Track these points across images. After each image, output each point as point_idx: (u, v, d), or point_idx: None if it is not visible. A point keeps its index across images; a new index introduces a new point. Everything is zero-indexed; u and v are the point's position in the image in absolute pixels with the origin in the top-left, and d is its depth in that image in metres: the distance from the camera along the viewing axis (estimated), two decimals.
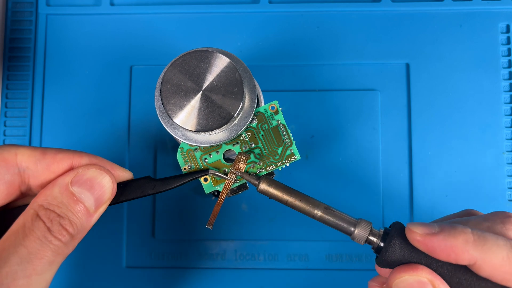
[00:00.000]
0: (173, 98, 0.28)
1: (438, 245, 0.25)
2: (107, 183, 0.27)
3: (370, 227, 0.28)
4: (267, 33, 0.44)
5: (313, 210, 0.29)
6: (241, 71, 0.29)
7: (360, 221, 0.28)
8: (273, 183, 0.29)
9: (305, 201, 0.29)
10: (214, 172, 0.30)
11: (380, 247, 0.27)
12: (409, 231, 0.26)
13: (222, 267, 0.42)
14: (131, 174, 0.29)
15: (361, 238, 0.28)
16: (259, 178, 0.29)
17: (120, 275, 0.42)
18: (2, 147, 0.26)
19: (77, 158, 0.27)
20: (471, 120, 0.43)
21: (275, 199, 0.29)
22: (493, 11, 0.44)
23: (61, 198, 0.25)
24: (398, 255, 0.27)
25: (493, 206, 0.42)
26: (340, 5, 0.44)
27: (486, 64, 0.43)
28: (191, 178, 0.30)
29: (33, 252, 0.23)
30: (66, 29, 0.44)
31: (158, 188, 0.29)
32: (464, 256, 0.25)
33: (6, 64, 0.44)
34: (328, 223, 0.29)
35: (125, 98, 0.44)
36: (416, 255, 0.26)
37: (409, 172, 0.42)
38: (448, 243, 0.25)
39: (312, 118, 0.43)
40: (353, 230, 0.28)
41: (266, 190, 0.29)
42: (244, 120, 0.29)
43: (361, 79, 0.43)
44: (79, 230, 0.25)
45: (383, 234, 0.28)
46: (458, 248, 0.25)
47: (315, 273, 0.42)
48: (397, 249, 0.27)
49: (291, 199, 0.29)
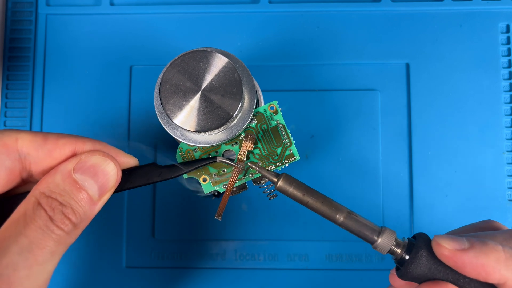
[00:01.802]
0: (172, 98, 0.28)
1: (469, 262, 0.24)
2: (111, 170, 0.26)
3: (395, 237, 0.26)
4: (267, 33, 0.44)
5: (335, 214, 0.27)
6: (240, 71, 0.29)
7: (384, 230, 0.27)
8: (293, 181, 0.27)
9: (327, 204, 0.27)
10: (223, 159, 0.29)
11: (403, 259, 0.26)
12: (436, 245, 0.25)
13: (222, 267, 0.42)
14: (137, 161, 0.28)
15: (384, 247, 0.26)
16: (278, 175, 0.28)
17: (120, 275, 0.42)
18: (2, 131, 0.25)
19: (80, 143, 0.26)
20: (471, 120, 0.43)
21: (294, 199, 0.27)
22: (493, 11, 0.44)
23: (63, 186, 0.24)
24: (424, 268, 0.25)
25: (493, 206, 0.42)
26: (340, 5, 0.44)
27: (486, 64, 0.43)
28: (198, 165, 0.29)
29: (34, 241, 0.22)
30: (66, 29, 0.45)
31: (164, 175, 0.28)
32: (495, 276, 0.24)
33: (6, 64, 0.44)
34: (350, 230, 0.27)
35: (125, 98, 0.44)
36: (443, 269, 0.25)
37: (409, 172, 0.42)
38: (479, 261, 0.24)
39: (312, 118, 0.43)
40: (377, 239, 0.26)
41: (286, 189, 0.27)
42: (243, 120, 0.29)
43: (361, 79, 0.43)
44: (82, 219, 0.24)
45: (408, 245, 0.26)
46: (490, 267, 0.24)
47: (315, 273, 0.42)
48: (424, 261, 0.25)
49: (312, 201, 0.27)
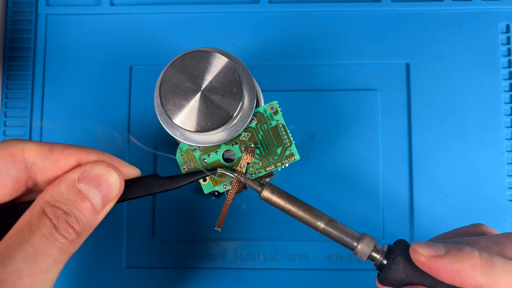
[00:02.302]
0: (172, 98, 0.28)
1: (443, 268, 0.24)
2: (115, 181, 0.26)
3: (374, 243, 0.27)
4: (267, 33, 0.44)
5: (316, 221, 0.28)
6: (240, 71, 0.29)
7: (364, 236, 0.28)
8: (276, 190, 0.29)
9: (308, 212, 0.28)
10: (223, 171, 0.29)
11: (382, 265, 0.27)
12: (413, 251, 0.25)
13: (222, 267, 0.42)
14: (139, 172, 0.29)
15: (363, 254, 0.27)
16: (262, 185, 0.29)
17: (120, 275, 0.42)
18: (9, 141, 0.26)
19: (84, 154, 0.27)
20: (471, 120, 0.43)
21: (277, 207, 0.29)
22: (493, 11, 0.44)
23: (68, 195, 0.25)
24: (401, 274, 0.26)
25: (493, 206, 0.42)
26: (340, 5, 0.44)
27: (486, 64, 0.43)
28: (199, 177, 0.29)
29: (38, 249, 0.23)
30: (66, 29, 0.45)
31: (166, 186, 0.29)
32: (470, 281, 0.24)
33: (6, 64, 0.44)
34: (331, 236, 0.28)
35: (125, 98, 0.44)
36: (420, 275, 0.26)
37: (409, 172, 0.42)
38: (454, 266, 0.24)
39: (312, 118, 0.43)
40: (356, 245, 0.27)
41: (269, 198, 0.28)
42: (243, 121, 0.29)
43: (361, 79, 0.43)
44: (85, 228, 0.25)
45: (386, 251, 0.27)
46: (464, 272, 0.24)
47: (315, 273, 0.42)
48: (401, 267, 0.26)
49: (294, 209, 0.28)
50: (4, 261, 0.22)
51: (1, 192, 0.25)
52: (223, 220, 0.29)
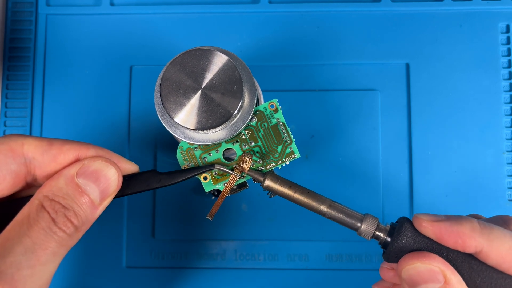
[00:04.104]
0: (172, 97, 0.28)
1: (445, 230, 0.26)
2: (113, 176, 0.26)
3: (377, 222, 0.28)
4: (267, 33, 0.44)
5: (319, 205, 0.29)
6: (241, 70, 0.29)
7: (367, 216, 0.28)
8: (278, 179, 0.29)
9: (311, 197, 0.29)
10: (220, 167, 0.29)
11: (387, 242, 0.28)
12: (416, 219, 0.27)
13: (222, 267, 0.42)
14: (137, 167, 0.29)
15: (368, 233, 0.28)
16: (264, 175, 0.29)
17: (120, 275, 0.42)
18: (9, 136, 0.26)
19: (83, 149, 0.27)
20: (471, 120, 0.43)
21: (280, 195, 0.29)
22: (493, 11, 0.44)
23: (66, 190, 0.25)
24: (410, 240, 0.27)
25: (493, 206, 0.42)
26: (340, 5, 0.44)
27: (486, 64, 0.43)
28: (197, 173, 0.29)
29: (37, 242, 0.23)
30: (66, 29, 0.45)
31: (164, 181, 0.29)
32: (471, 242, 0.25)
33: (6, 64, 0.44)
34: (334, 219, 0.29)
35: (125, 98, 0.44)
36: (426, 241, 0.26)
37: (409, 172, 0.42)
38: (454, 228, 0.25)
39: (312, 118, 0.43)
40: (360, 225, 0.28)
41: (272, 187, 0.29)
42: (243, 119, 0.29)
43: (361, 79, 0.43)
44: (83, 222, 0.25)
45: (389, 229, 0.28)
46: (465, 234, 0.25)
47: (315, 273, 0.42)
48: (409, 233, 0.27)
49: (296, 195, 0.29)
50: (4, 253, 0.23)
51: (1, 187, 0.26)
52: (216, 211, 0.30)
